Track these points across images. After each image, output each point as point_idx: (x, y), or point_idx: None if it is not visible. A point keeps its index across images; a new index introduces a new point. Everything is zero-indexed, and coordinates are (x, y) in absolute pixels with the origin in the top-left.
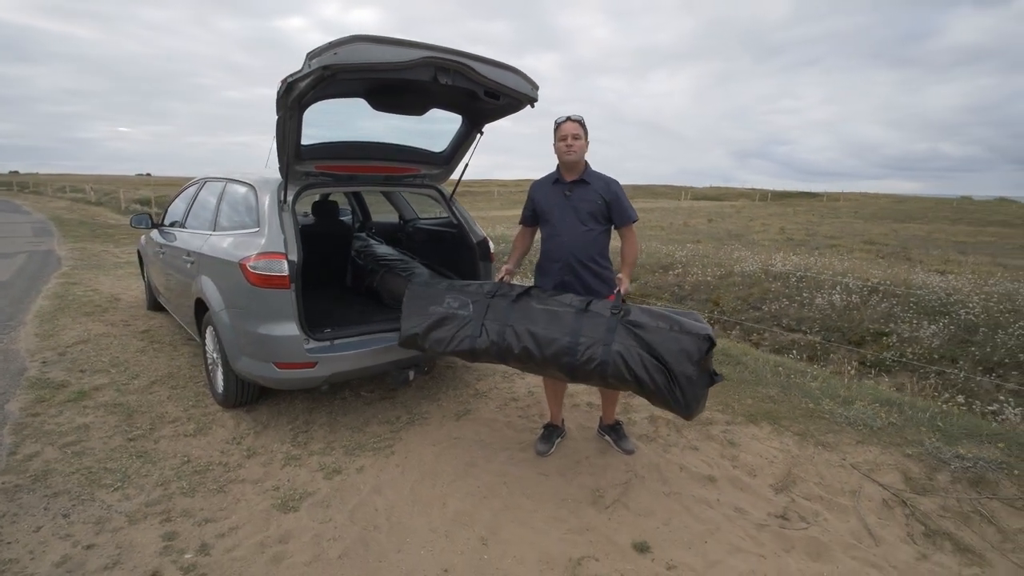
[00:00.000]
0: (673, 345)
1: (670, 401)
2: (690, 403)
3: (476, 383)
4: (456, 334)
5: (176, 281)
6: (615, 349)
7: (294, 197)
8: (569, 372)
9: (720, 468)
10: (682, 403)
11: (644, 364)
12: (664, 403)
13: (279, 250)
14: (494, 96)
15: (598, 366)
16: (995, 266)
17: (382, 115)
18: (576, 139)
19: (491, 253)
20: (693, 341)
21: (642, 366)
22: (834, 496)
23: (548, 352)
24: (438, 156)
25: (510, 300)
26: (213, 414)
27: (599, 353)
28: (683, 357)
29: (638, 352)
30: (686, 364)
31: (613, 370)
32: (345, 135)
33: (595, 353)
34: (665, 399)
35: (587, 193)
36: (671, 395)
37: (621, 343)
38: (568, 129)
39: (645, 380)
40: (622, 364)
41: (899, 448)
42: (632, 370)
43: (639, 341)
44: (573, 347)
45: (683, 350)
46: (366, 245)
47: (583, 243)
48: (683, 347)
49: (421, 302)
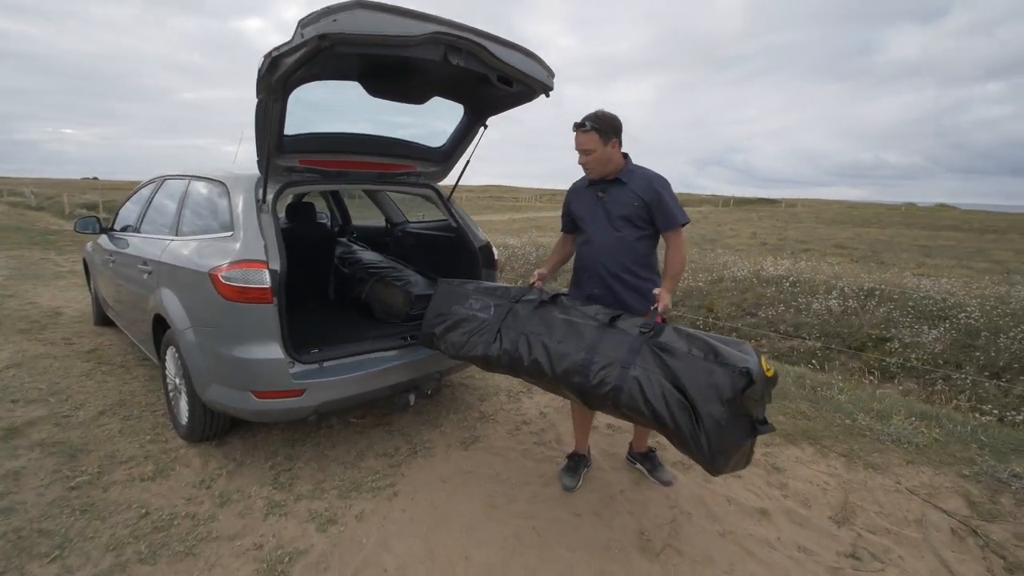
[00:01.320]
0: (702, 378)
1: (692, 447)
2: (715, 453)
3: (480, 404)
4: (471, 339)
5: (129, 293)
6: (633, 374)
7: (275, 196)
8: (581, 394)
9: (771, 499)
10: (705, 451)
11: (664, 396)
12: (686, 448)
13: (258, 258)
14: (507, 83)
15: (611, 391)
16: (961, 268)
17: (372, 104)
18: (588, 155)
19: (495, 260)
20: (726, 375)
21: (661, 399)
22: (900, 527)
23: (559, 368)
24: (436, 152)
25: (533, 306)
26: (175, 451)
27: (614, 377)
28: (711, 393)
29: (660, 381)
30: (713, 403)
31: (627, 399)
32: (333, 125)
33: (609, 376)
34: (686, 444)
35: (622, 194)
36: (694, 440)
37: (643, 368)
38: (577, 143)
39: (663, 416)
40: (638, 393)
41: (951, 468)
42: (649, 402)
43: (664, 368)
44: (586, 366)
45: (712, 385)
46: (350, 251)
47: (614, 251)
48: (713, 381)
49: (447, 300)
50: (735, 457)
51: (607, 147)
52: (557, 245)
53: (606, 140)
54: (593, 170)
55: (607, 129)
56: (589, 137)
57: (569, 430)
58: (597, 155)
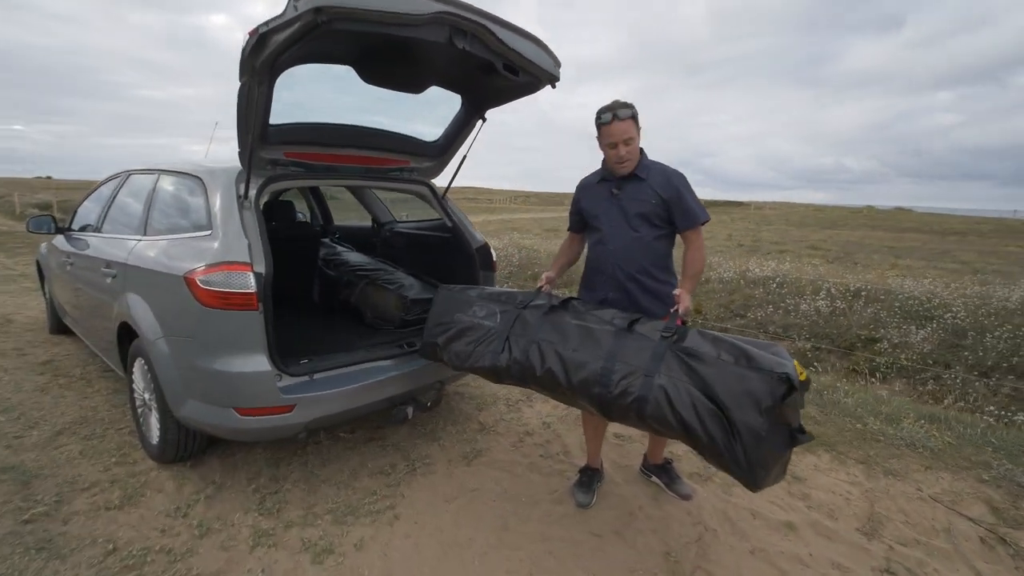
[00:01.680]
0: (736, 385)
1: (728, 461)
2: (754, 466)
3: (479, 415)
4: (477, 349)
5: (90, 299)
6: (659, 383)
7: (258, 191)
8: (601, 406)
9: (795, 511)
10: (743, 465)
11: (695, 407)
12: (720, 462)
13: (241, 259)
14: (513, 72)
15: (634, 402)
16: (932, 268)
17: (363, 93)
18: (629, 144)
19: (494, 261)
20: (764, 382)
21: (691, 409)
22: (929, 538)
23: (576, 379)
24: (431, 146)
25: (542, 312)
26: (145, 474)
27: (637, 386)
28: (748, 402)
29: (688, 390)
30: (751, 412)
31: (653, 410)
32: (321, 115)
33: (632, 385)
34: (721, 457)
35: (639, 190)
36: (729, 453)
37: (668, 376)
38: (617, 133)
39: (695, 428)
40: (665, 403)
41: (969, 472)
42: (678, 413)
43: (692, 376)
44: (606, 375)
45: (748, 392)
46: (334, 253)
47: (632, 252)
48: (749, 388)
49: (448, 308)
50: (775, 469)
51: (637, 138)
52: (564, 245)
53: (638, 129)
54: (630, 163)
55: (638, 121)
56: (629, 125)
57: (576, 441)
58: (636, 145)
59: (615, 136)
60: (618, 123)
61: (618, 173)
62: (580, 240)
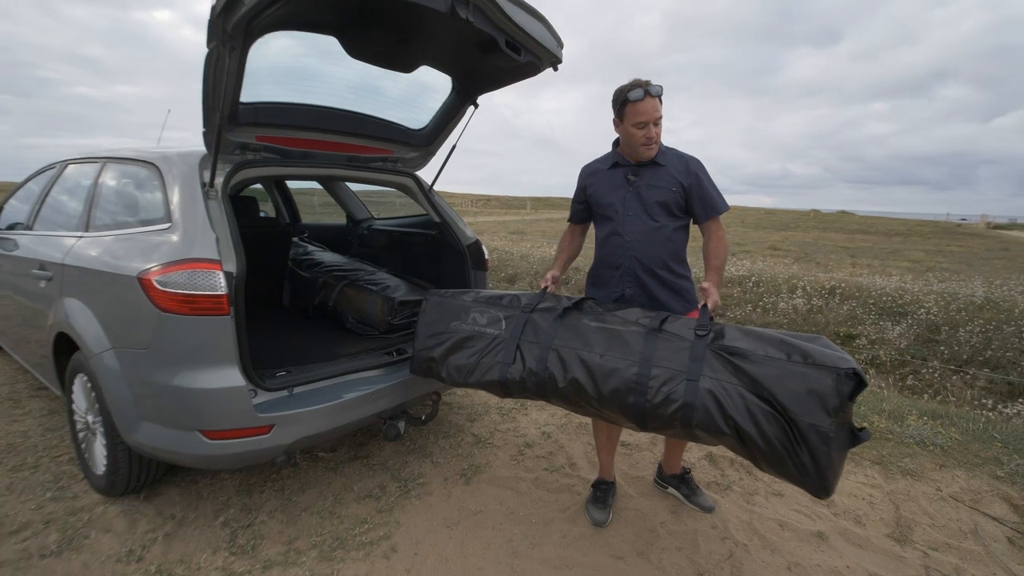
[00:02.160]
0: (796, 383)
1: (791, 468)
2: (824, 472)
3: (471, 426)
4: (482, 360)
5: (18, 306)
6: (705, 387)
7: (227, 178)
8: (638, 417)
9: (822, 519)
10: (811, 472)
11: (750, 411)
12: (782, 470)
13: (208, 256)
14: (516, 49)
15: (679, 410)
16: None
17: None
18: (658, 124)
19: (486, 260)
20: (829, 379)
21: (746, 414)
22: (958, 541)
23: (606, 388)
24: (417, 134)
25: (555, 315)
26: (89, 510)
27: (680, 392)
28: (813, 403)
29: (740, 392)
30: (817, 413)
31: (702, 417)
32: (298, 94)
33: (675, 391)
34: (783, 464)
35: (658, 177)
36: (794, 459)
37: (714, 378)
38: (649, 110)
39: (751, 435)
40: (715, 409)
41: (983, 469)
42: (731, 419)
43: (741, 376)
44: (642, 382)
45: (812, 392)
46: (306, 253)
47: (652, 244)
48: (812, 387)
49: (442, 316)
50: (839, 473)
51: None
52: (564, 239)
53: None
54: (656, 146)
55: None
56: (658, 104)
57: (581, 451)
58: (661, 127)
59: (647, 114)
60: (650, 100)
61: (643, 157)
62: (582, 232)
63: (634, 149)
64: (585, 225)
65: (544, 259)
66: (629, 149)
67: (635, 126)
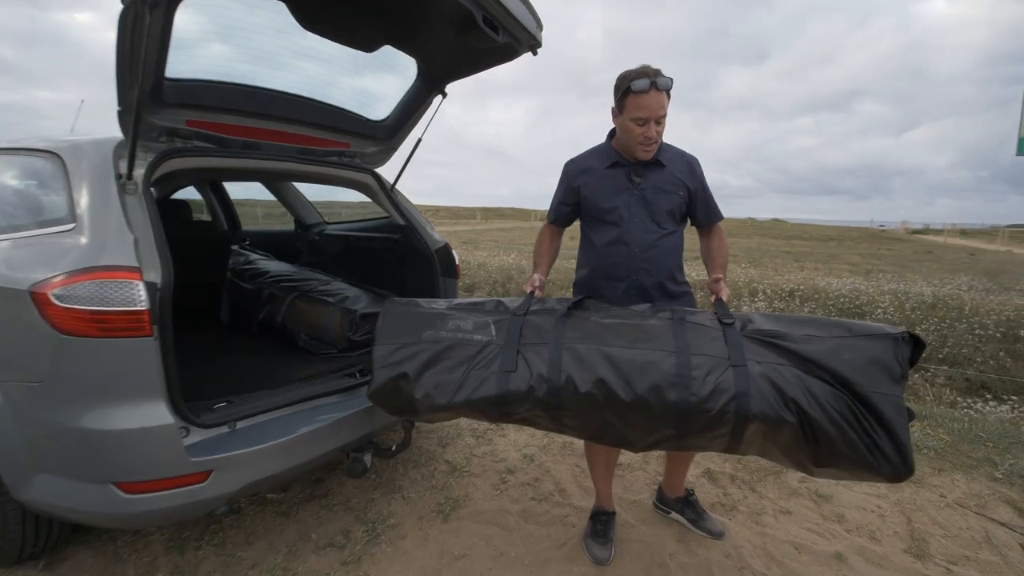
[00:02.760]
0: (854, 355)
1: (863, 453)
2: (905, 447)
3: (442, 452)
4: (472, 372)
5: None
6: (757, 371)
7: (149, 170)
8: (680, 420)
9: (837, 537)
10: (888, 452)
11: (810, 391)
12: (853, 457)
13: (124, 263)
14: (494, 28)
15: (732, 401)
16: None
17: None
18: (661, 123)
19: (456, 266)
20: (888, 345)
21: (808, 395)
22: (974, 551)
23: (642, 385)
24: (378, 126)
25: (558, 315)
26: None
27: (730, 380)
28: (878, 372)
29: (794, 373)
30: (885, 382)
31: (760, 407)
32: (239, 73)
33: (724, 380)
34: (854, 450)
35: (663, 179)
36: (866, 441)
37: (762, 362)
38: (654, 105)
39: (818, 419)
40: (772, 394)
41: (979, 471)
42: (793, 402)
43: (790, 357)
44: (684, 373)
45: (875, 361)
46: (248, 262)
47: (661, 254)
48: (874, 356)
49: (410, 325)
50: None
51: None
52: (543, 242)
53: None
54: (656, 146)
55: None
56: (664, 99)
57: (569, 474)
58: (664, 126)
59: (649, 110)
60: (656, 94)
61: (640, 157)
62: (560, 234)
63: (630, 147)
64: (564, 228)
65: (502, 267)
66: (625, 145)
67: (634, 121)
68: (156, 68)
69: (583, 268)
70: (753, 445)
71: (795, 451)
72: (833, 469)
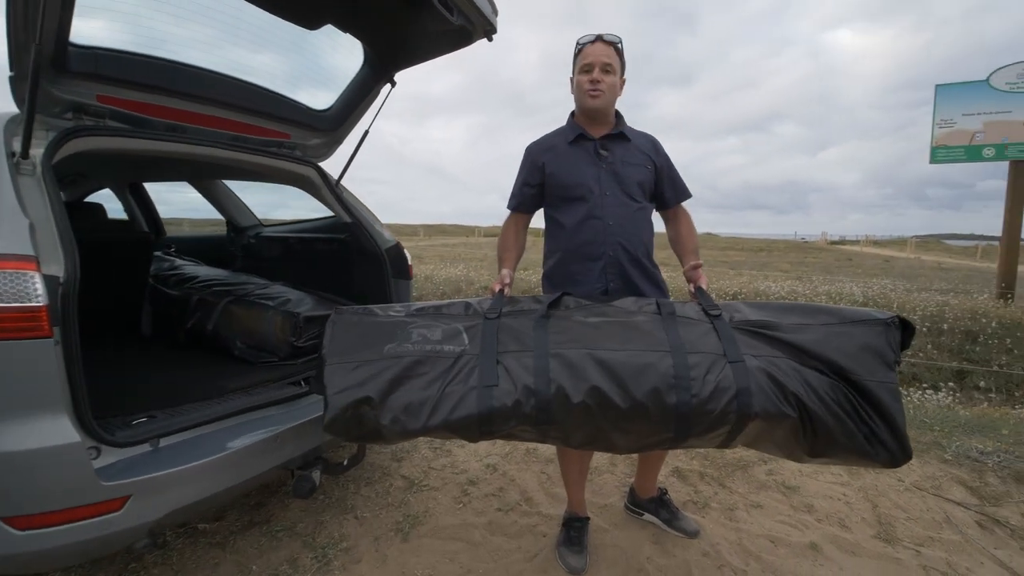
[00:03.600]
0: (846, 343)
1: (860, 441)
2: (902, 433)
3: (397, 466)
4: (447, 389)
5: None
6: (755, 365)
7: (50, 148)
8: (680, 424)
9: (809, 528)
10: (885, 438)
11: (808, 383)
12: (850, 446)
13: (14, 250)
14: (448, 8)
15: (734, 400)
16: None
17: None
18: (608, 72)
19: (409, 267)
20: (876, 332)
21: (806, 387)
22: (937, 532)
23: (641, 390)
24: (320, 117)
25: (537, 316)
26: None
27: (729, 377)
28: (872, 359)
29: (791, 365)
30: (880, 369)
31: (762, 403)
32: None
33: (725, 379)
34: (852, 439)
35: (630, 152)
36: (864, 429)
37: (758, 355)
38: (597, 54)
39: (817, 411)
40: (773, 390)
41: (930, 455)
42: (793, 395)
43: (783, 348)
44: (682, 374)
45: (867, 348)
46: (172, 267)
47: (636, 228)
48: (866, 343)
49: (364, 340)
50: None
51: (620, 81)
52: (508, 233)
53: (622, 71)
54: (604, 98)
55: (623, 58)
56: (611, 51)
57: (535, 482)
58: (615, 80)
59: (595, 56)
60: (601, 44)
61: (588, 105)
62: (526, 226)
63: (581, 100)
64: (530, 216)
65: (449, 279)
66: (579, 102)
67: (581, 71)
68: (59, 29)
69: (552, 256)
70: (746, 439)
71: (790, 443)
72: (826, 458)
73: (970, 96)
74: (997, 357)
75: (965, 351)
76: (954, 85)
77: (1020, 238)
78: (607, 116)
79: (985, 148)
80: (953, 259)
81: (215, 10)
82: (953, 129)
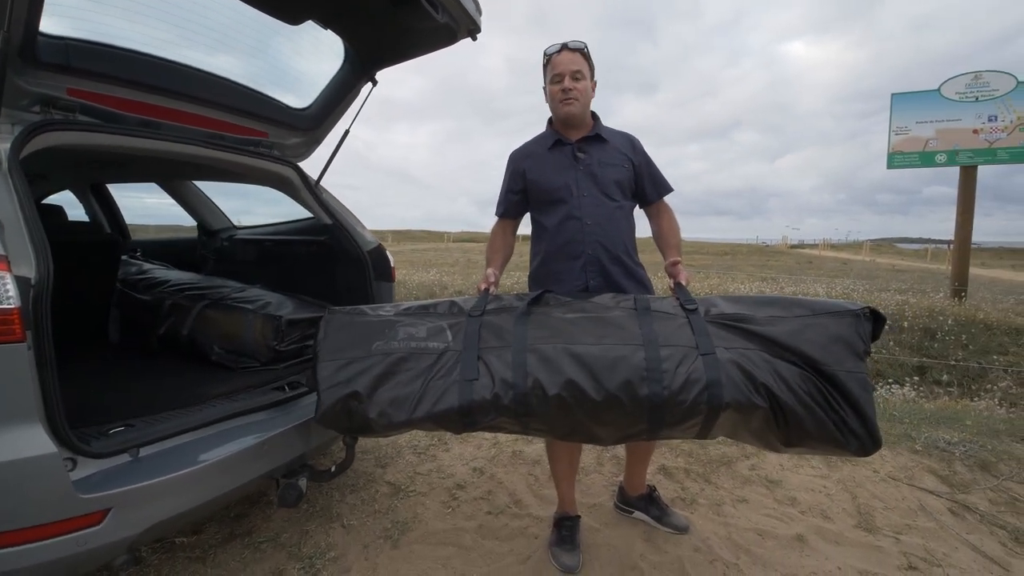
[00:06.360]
0: (817, 334)
1: (832, 430)
2: (872, 422)
3: (383, 473)
4: (430, 384)
5: None
6: (726, 358)
7: (17, 143)
8: (653, 415)
9: (794, 520)
10: (856, 428)
11: (779, 374)
12: (821, 435)
13: None
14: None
15: (705, 392)
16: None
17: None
18: (578, 79)
19: (392, 269)
20: (846, 323)
21: (777, 378)
22: (913, 520)
23: (613, 383)
24: (299, 115)
25: (519, 313)
26: None
27: (700, 369)
28: (842, 350)
29: (762, 357)
30: (849, 359)
31: (733, 394)
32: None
33: (695, 371)
34: (823, 428)
35: (608, 153)
36: (834, 418)
37: (730, 348)
38: (565, 63)
39: (788, 402)
40: (743, 381)
41: (902, 446)
42: (763, 386)
43: (756, 340)
44: (654, 367)
45: (838, 339)
46: (141, 271)
47: (614, 227)
48: (837, 334)
49: (354, 339)
50: None
51: (591, 84)
52: (496, 237)
53: (591, 74)
54: (578, 104)
55: (591, 62)
56: (578, 57)
57: (523, 484)
58: (586, 85)
59: (563, 66)
60: (567, 53)
61: (562, 112)
62: (514, 230)
63: (556, 109)
64: (517, 221)
65: (422, 284)
66: (554, 111)
67: (552, 81)
68: (28, 17)
69: (536, 257)
70: (723, 430)
71: (765, 433)
72: (801, 447)
73: (923, 105)
74: (954, 352)
75: (924, 347)
76: (908, 94)
77: (971, 240)
78: (583, 120)
79: (938, 154)
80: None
81: (193, 1)
82: (908, 136)
